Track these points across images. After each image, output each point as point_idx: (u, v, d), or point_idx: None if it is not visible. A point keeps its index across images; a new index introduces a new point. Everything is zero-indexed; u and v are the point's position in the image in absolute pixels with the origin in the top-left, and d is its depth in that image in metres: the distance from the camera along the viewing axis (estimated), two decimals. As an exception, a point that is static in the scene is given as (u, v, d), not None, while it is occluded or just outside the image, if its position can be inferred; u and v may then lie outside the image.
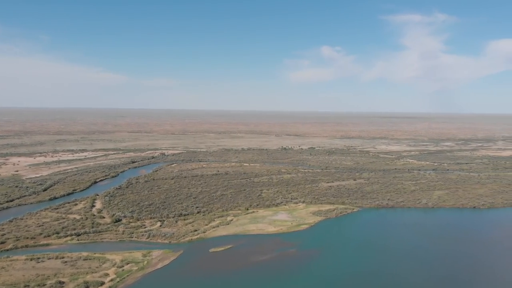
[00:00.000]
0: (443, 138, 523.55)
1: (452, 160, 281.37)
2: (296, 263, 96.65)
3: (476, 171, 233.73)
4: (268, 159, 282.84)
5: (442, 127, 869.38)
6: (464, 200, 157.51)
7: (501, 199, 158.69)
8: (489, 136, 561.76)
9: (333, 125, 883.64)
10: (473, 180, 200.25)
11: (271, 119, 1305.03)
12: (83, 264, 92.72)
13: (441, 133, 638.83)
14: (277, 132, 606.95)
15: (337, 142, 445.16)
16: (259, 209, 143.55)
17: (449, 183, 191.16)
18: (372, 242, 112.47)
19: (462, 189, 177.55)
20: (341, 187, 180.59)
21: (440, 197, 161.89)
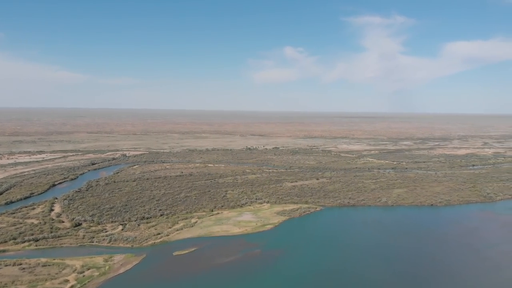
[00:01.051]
0: (401, 137, 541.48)
1: (410, 159, 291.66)
2: (261, 263, 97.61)
3: (433, 169, 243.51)
4: (233, 159, 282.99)
5: (400, 126, 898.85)
6: (422, 198, 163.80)
7: (457, 197, 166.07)
8: (446, 135, 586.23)
9: (296, 125, 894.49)
10: (430, 178, 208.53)
11: (235, 119, 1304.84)
12: (42, 270, 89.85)
13: (399, 132, 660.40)
14: (242, 132, 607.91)
15: (300, 141, 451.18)
16: (224, 210, 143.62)
17: (408, 181, 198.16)
18: (334, 241, 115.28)
19: (420, 187, 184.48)
20: (305, 186, 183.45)
21: (399, 195, 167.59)
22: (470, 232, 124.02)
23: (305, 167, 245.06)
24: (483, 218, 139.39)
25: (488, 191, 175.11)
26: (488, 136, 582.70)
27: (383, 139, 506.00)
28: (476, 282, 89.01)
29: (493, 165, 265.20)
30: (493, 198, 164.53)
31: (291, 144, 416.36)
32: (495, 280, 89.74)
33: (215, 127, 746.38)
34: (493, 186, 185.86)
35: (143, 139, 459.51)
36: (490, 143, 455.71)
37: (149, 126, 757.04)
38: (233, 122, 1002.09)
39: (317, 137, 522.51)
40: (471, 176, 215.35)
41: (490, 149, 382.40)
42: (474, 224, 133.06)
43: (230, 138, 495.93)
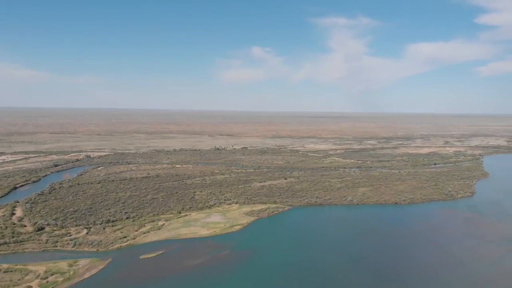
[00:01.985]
0: (366, 136, 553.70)
1: (375, 158, 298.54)
2: (230, 265, 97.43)
3: (397, 168, 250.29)
4: (201, 159, 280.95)
5: (365, 126, 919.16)
6: (387, 196, 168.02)
7: (420, 195, 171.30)
8: (408, 134, 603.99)
9: (264, 125, 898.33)
10: (394, 176, 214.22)
11: (204, 118, 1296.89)
12: (4, 277, 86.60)
13: (364, 132, 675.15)
14: (210, 132, 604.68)
15: (268, 141, 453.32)
16: (192, 212, 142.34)
17: (372, 180, 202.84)
18: (302, 240, 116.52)
19: (384, 185, 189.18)
20: (273, 186, 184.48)
21: (364, 194, 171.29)
22: (434, 229, 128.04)
23: (274, 167, 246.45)
24: (445, 216, 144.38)
25: (449, 189, 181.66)
26: (449, 135, 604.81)
27: (348, 138, 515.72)
28: (441, 277, 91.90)
29: (454, 164, 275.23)
30: (455, 196, 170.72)
31: (260, 144, 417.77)
32: (459, 275, 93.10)
33: (183, 127, 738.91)
34: (454, 184, 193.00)
35: (108, 139, 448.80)
36: (451, 142, 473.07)
37: (114, 126, 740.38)
38: (201, 122, 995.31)
39: (285, 137, 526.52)
40: (433, 174, 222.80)
41: (451, 147, 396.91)
42: (437, 221, 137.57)
43: (198, 138, 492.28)
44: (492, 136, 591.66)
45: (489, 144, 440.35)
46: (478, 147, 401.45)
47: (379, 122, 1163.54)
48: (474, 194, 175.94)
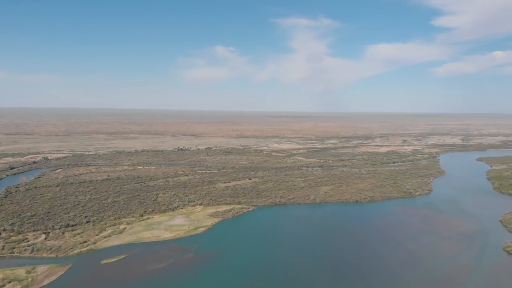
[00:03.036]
0: (328, 136, 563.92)
1: (336, 157, 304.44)
2: (194, 268, 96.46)
3: (357, 166, 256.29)
4: (164, 160, 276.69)
5: (327, 125, 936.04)
6: (348, 194, 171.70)
7: (380, 193, 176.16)
8: (368, 134, 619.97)
9: (229, 125, 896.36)
10: (355, 175, 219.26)
11: (166, 118, 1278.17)
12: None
13: (326, 131, 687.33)
14: (173, 132, 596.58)
15: (233, 141, 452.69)
16: (154, 214, 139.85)
17: (334, 179, 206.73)
18: (267, 240, 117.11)
19: (345, 184, 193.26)
20: (238, 186, 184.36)
21: (327, 193, 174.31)
22: (393, 226, 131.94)
23: (238, 167, 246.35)
24: (404, 213, 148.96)
25: (408, 187, 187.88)
26: (407, 134, 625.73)
27: (311, 138, 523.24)
28: (400, 273, 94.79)
29: (412, 162, 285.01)
30: (413, 194, 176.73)
31: (224, 144, 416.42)
32: (418, 271, 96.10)
33: (145, 127, 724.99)
34: (412, 182, 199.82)
35: (67, 140, 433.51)
36: (409, 140, 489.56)
37: (72, 126, 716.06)
38: (163, 122, 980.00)
39: (249, 137, 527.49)
40: (392, 172, 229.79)
41: (409, 146, 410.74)
42: (396, 218, 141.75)
43: (160, 138, 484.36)
44: (448, 134, 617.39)
45: (445, 143, 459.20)
46: (434, 146, 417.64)
47: (340, 122, 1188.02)
48: (431, 192, 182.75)
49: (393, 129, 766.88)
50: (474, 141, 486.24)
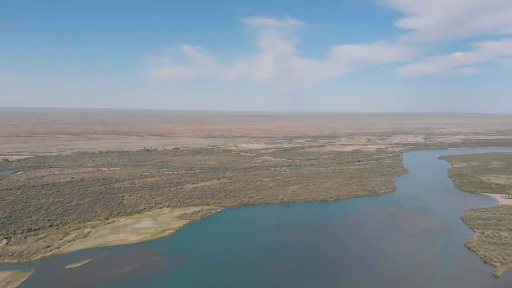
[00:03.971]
0: (295, 135, 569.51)
1: (303, 156, 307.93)
2: (161, 271, 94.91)
3: (324, 165, 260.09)
4: (130, 162, 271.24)
5: (294, 125, 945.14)
6: (315, 193, 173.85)
7: (345, 191, 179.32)
8: (334, 133, 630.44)
9: (197, 124, 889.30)
10: (321, 174, 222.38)
11: (132, 118, 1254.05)
12: None
13: (294, 131, 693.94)
14: (139, 132, 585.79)
15: (201, 141, 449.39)
16: (120, 217, 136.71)
17: (302, 178, 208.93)
18: (235, 240, 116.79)
19: (312, 183, 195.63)
20: (206, 187, 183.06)
21: (295, 192, 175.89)
22: (359, 224, 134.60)
23: (207, 168, 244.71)
24: (369, 211, 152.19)
25: (372, 185, 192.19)
26: (372, 133, 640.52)
27: (279, 137, 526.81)
28: (367, 270, 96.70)
29: (376, 161, 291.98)
30: (377, 192, 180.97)
31: (192, 144, 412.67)
32: (383, 268, 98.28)
33: (109, 127, 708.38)
34: (376, 181, 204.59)
35: (28, 141, 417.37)
36: (373, 139, 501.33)
37: (34, 127, 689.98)
38: (129, 122, 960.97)
39: (217, 137, 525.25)
40: (357, 171, 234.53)
41: (373, 145, 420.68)
42: (362, 216, 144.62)
43: (126, 139, 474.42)
44: (410, 133, 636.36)
45: (408, 142, 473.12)
46: (398, 145, 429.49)
47: (307, 121, 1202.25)
48: (395, 190, 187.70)
49: (358, 129, 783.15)
50: (436, 140, 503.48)
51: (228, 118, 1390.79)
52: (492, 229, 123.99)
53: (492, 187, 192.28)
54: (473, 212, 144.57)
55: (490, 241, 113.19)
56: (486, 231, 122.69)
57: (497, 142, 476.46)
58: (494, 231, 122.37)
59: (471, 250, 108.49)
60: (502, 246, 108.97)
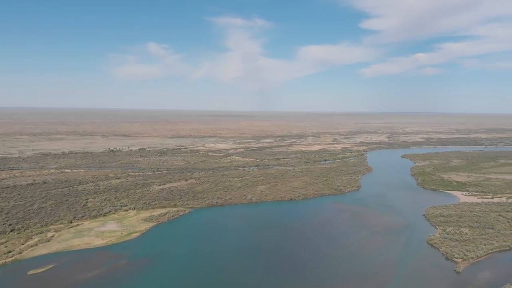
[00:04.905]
0: (263, 135, 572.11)
1: (271, 156, 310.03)
2: (127, 275, 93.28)
3: (291, 165, 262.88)
4: (94, 163, 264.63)
5: (262, 124, 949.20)
6: (283, 193, 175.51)
7: (312, 190, 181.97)
8: (301, 133, 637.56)
9: (163, 124, 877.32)
10: (289, 174, 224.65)
11: (95, 117, 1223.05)
12: None
13: (262, 130, 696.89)
14: (103, 133, 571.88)
15: (168, 141, 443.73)
16: (84, 220, 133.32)
17: (270, 178, 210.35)
18: (204, 242, 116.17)
19: (280, 183, 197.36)
20: (173, 189, 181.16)
21: (263, 192, 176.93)
22: (326, 222, 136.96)
23: (174, 168, 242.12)
24: (335, 209, 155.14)
25: (338, 184, 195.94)
26: (337, 132, 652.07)
27: (247, 137, 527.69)
28: (334, 268, 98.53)
29: (342, 160, 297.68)
30: (343, 190, 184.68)
31: (159, 144, 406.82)
32: (350, 265, 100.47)
33: (72, 127, 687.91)
34: (342, 179, 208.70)
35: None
36: (339, 139, 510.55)
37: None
38: (93, 122, 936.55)
39: (185, 137, 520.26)
40: (323, 170, 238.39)
41: (339, 144, 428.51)
42: (328, 215, 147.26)
43: (90, 139, 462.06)
44: (374, 133, 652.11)
45: (372, 141, 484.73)
46: (362, 144, 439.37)
47: (275, 121, 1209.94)
48: (360, 188, 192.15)
49: (324, 128, 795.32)
50: (399, 139, 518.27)
51: (196, 118, 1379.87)
52: (453, 226, 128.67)
53: (453, 184, 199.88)
54: (435, 210, 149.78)
55: (452, 237, 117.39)
56: (447, 228, 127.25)
57: (457, 141, 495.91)
58: (455, 228, 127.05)
59: (434, 247, 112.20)
60: (463, 243, 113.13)
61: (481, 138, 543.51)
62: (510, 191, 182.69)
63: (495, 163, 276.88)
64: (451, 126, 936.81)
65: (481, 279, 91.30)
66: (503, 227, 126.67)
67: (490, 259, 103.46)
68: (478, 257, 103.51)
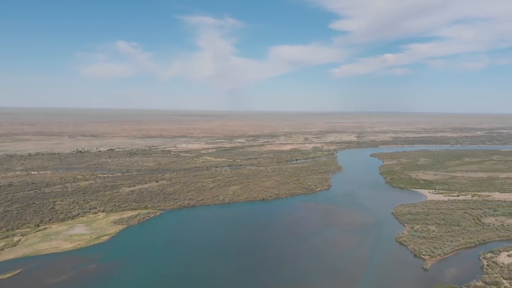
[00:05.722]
0: (236, 135, 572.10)
1: (244, 156, 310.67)
2: (97, 279, 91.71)
3: (264, 165, 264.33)
4: (61, 164, 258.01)
5: (235, 124, 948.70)
6: (255, 193, 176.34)
7: (284, 190, 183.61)
8: (273, 132, 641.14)
9: (133, 124, 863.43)
10: (261, 173, 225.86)
11: (63, 117, 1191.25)
12: None
13: (234, 130, 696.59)
14: (71, 133, 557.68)
15: (138, 142, 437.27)
16: (52, 224, 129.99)
17: (242, 178, 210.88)
18: (175, 244, 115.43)
19: (253, 183, 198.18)
20: (144, 190, 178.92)
21: (235, 192, 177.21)
22: (297, 222, 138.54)
23: (144, 169, 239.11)
24: (306, 209, 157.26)
25: (309, 183, 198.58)
26: (309, 132, 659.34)
27: (219, 137, 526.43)
28: (305, 268, 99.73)
29: (312, 159, 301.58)
30: (314, 190, 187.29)
31: (128, 144, 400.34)
32: (320, 264, 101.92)
33: (39, 128, 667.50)
34: (313, 178, 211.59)
35: None
36: (310, 138, 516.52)
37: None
38: (60, 122, 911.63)
39: (155, 137, 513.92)
40: (295, 170, 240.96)
41: (310, 144, 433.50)
42: (300, 214, 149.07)
43: (57, 140, 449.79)
44: (344, 132, 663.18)
45: (342, 140, 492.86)
46: (333, 143, 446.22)
47: (247, 120, 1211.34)
48: (330, 187, 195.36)
49: (296, 128, 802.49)
50: (368, 138, 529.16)
51: (167, 117, 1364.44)
52: (421, 224, 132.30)
53: (420, 183, 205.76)
54: (403, 208, 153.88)
55: (419, 235, 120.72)
56: (415, 225, 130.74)
57: (424, 140, 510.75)
58: (423, 225, 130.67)
59: (402, 244, 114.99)
60: (430, 240, 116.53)
61: (447, 137, 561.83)
62: (475, 188, 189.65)
63: (460, 162, 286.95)
64: (418, 125, 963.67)
65: (448, 276, 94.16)
66: (469, 224, 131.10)
67: (456, 256, 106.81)
68: (445, 254, 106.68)
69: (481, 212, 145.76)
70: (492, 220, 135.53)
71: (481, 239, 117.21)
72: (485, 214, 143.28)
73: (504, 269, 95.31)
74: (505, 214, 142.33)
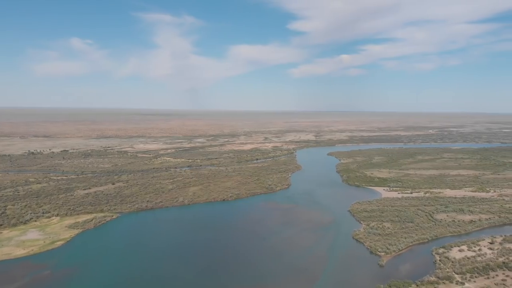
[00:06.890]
0: (195, 134, 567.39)
1: (204, 156, 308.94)
2: (52, 286, 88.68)
3: (224, 165, 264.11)
4: (12, 167, 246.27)
5: (194, 124, 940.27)
6: (215, 194, 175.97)
7: (245, 190, 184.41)
8: (233, 132, 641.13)
9: (88, 124, 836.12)
10: (222, 174, 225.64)
11: (13, 117, 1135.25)
12: None
13: (193, 129, 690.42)
14: (23, 134, 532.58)
15: (93, 142, 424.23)
16: (3, 229, 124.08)
17: (202, 178, 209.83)
18: (133, 248, 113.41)
19: (213, 183, 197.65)
20: (99, 193, 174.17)
21: (195, 193, 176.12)
22: (257, 221, 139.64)
23: (100, 171, 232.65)
24: (266, 208, 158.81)
25: (269, 182, 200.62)
26: (268, 131, 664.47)
27: (178, 137, 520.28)
28: (265, 267, 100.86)
29: (272, 158, 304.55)
30: (274, 189, 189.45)
31: (83, 145, 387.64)
32: (280, 263, 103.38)
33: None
34: (273, 178, 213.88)
35: None
36: (269, 138, 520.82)
37: None
38: (10, 122, 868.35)
39: (112, 137, 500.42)
40: (255, 169, 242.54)
41: (270, 143, 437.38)
42: (260, 214, 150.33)
43: (7, 141, 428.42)
44: (303, 131, 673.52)
45: (300, 139, 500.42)
46: (292, 142, 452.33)
47: (207, 120, 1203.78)
48: (290, 186, 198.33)
49: (256, 127, 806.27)
50: (325, 137, 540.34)
51: (123, 117, 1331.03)
52: (376, 221, 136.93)
53: (375, 181, 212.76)
54: (359, 205, 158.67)
55: (375, 232, 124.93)
56: (371, 222, 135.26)
57: (378, 138, 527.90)
58: (378, 222, 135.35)
59: (359, 242, 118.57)
60: (385, 237, 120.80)
61: (400, 136, 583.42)
62: (427, 185, 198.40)
63: (413, 159, 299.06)
64: (373, 124, 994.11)
65: (403, 271, 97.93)
66: (422, 221, 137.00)
67: (410, 252, 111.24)
68: (400, 250, 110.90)
69: (433, 208, 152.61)
70: (444, 216, 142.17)
71: (434, 235, 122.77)
72: (437, 210, 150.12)
73: (455, 264, 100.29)
74: (456, 210, 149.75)
